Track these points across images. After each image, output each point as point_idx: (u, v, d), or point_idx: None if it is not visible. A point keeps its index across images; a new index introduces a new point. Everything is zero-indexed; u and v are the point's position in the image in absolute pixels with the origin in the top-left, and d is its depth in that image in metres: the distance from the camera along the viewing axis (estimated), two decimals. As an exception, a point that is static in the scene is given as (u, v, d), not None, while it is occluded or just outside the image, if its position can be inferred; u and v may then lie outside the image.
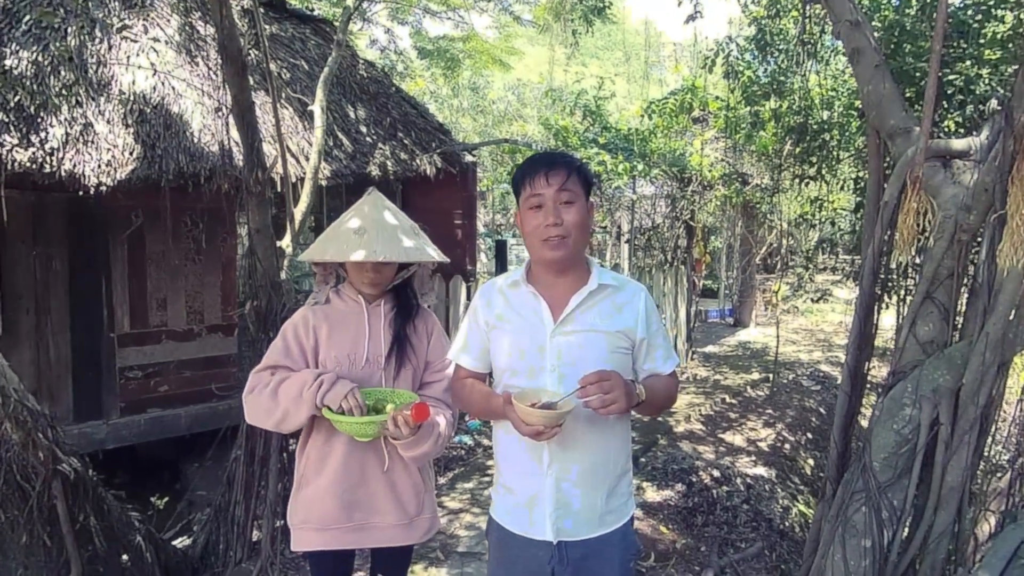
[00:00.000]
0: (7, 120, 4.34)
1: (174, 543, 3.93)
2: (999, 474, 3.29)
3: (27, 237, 4.89)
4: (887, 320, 3.04)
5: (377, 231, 1.82)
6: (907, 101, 2.68)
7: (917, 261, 2.83)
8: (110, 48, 5.03)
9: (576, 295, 1.54)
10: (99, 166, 4.50)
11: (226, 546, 3.53)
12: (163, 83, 5.13)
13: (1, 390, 2.44)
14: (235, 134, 3.54)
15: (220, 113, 5.09)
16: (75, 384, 5.09)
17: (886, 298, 2.82)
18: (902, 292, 2.93)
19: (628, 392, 1.41)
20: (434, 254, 1.88)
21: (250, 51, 5.24)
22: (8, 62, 4.56)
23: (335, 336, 1.85)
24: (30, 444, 2.57)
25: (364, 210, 1.90)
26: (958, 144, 2.24)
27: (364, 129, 6.28)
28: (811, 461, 5.50)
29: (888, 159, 2.60)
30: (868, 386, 2.85)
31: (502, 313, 1.59)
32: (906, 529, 2.16)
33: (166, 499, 4.47)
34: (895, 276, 2.90)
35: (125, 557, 3.28)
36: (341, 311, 1.89)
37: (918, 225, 2.06)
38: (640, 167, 6.98)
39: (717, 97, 7.12)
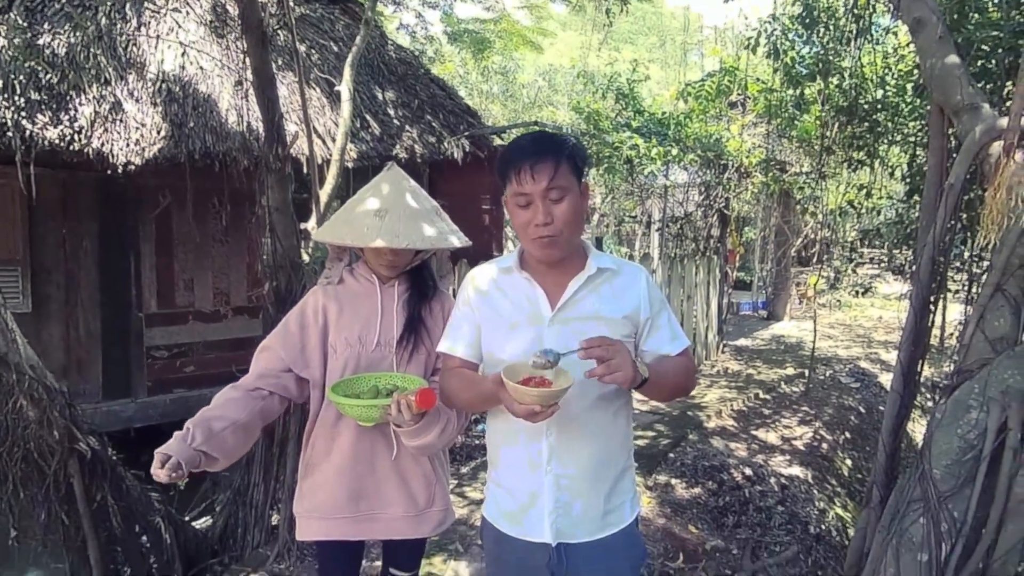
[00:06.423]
0: (39, 99, 4.34)
1: (196, 523, 3.92)
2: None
3: (57, 214, 4.92)
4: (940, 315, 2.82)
5: (398, 213, 1.70)
6: (972, 76, 2.45)
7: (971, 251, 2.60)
8: (139, 27, 5.01)
9: (574, 280, 1.43)
10: (127, 145, 4.48)
11: (244, 529, 3.50)
12: (191, 63, 5.09)
13: (16, 367, 2.40)
14: (258, 111, 3.46)
15: (240, 87, 5.02)
16: (104, 362, 5.13)
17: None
18: (962, 285, 2.71)
19: (633, 364, 1.29)
20: (456, 241, 1.76)
21: (277, 31, 5.17)
22: (42, 40, 4.57)
23: (345, 317, 1.75)
24: (45, 422, 2.54)
25: (383, 189, 1.77)
26: (1038, 121, 2.02)
27: (392, 111, 6.18)
28: (849, 462, 5.27)
29: (952, 138, 2.39)
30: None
31: (495, 301, 1.48)
32: (964, 542, 1.98)
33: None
34: (956, 267, 2.68)
35: (144, 537, 3.27)
36: (354, 291, 1.79)
37: (1010, 201, 1.85)
38: (674, 152, 6.74)
39: (757, 79, 6.82)
